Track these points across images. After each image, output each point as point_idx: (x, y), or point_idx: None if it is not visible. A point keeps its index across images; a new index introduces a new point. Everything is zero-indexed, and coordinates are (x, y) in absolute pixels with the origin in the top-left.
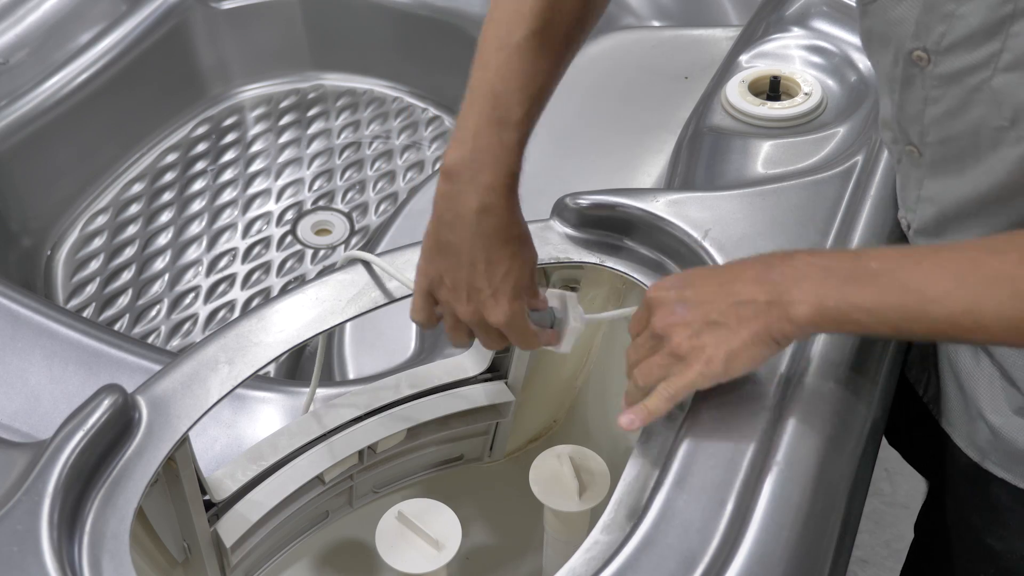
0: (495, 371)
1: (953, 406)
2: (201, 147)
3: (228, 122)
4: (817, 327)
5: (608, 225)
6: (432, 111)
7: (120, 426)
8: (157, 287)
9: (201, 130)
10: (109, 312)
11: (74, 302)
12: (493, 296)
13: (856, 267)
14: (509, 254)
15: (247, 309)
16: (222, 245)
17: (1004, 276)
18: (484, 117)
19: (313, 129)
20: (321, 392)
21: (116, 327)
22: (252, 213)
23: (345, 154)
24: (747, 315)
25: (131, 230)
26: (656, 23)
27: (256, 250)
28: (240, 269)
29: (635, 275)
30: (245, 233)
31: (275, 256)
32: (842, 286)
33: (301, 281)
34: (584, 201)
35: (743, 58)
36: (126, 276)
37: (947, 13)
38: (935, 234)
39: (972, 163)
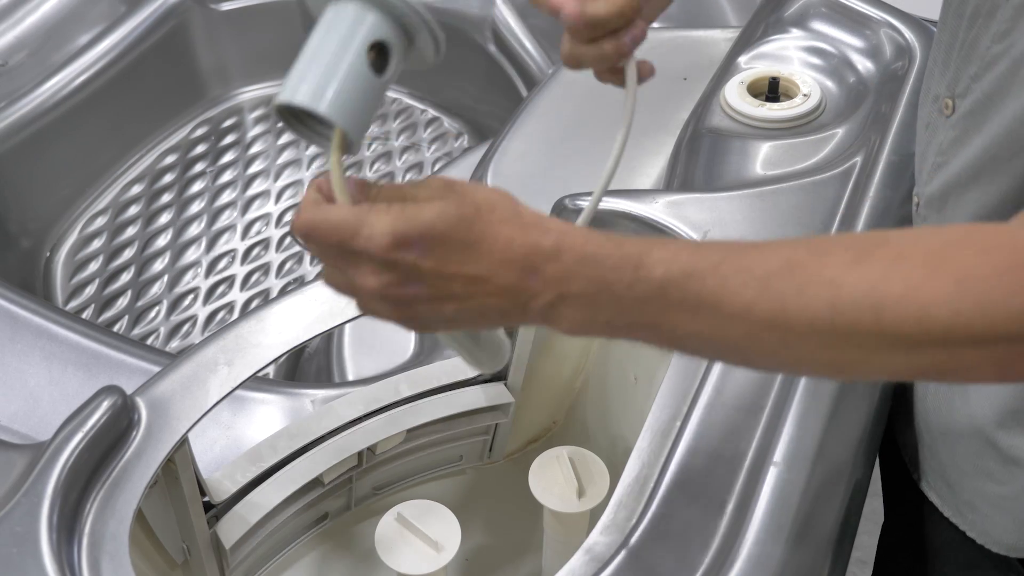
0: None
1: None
2: (200, 148)
3: (227, 123)
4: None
5: (607, 226)
6: (431, 112)
7: (119, 428)
8: (156, 288)
9: (200, 131)
10: (108, 313)
11: (73, 303)
12: None
13: (636, 277)
14: None
15: (246, 310)
16: (221, 246)
17: (823, 281)
18: None
19: None
20: (321, 393)
21: (115, 328)
22: (251, 214)
23: (344, 155)
24: (492, 320)
25: (130, 231)
26: (655, 24)
27: (255, 251)
28: (239, 270)
29: None
30: (244, 234)
31: (274, 258)
32: (617, 303)
33: (300, 282)
34: (583, 202)
35: (742, 59)
36: (125, 277)
37: None
38: (938, 208)
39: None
